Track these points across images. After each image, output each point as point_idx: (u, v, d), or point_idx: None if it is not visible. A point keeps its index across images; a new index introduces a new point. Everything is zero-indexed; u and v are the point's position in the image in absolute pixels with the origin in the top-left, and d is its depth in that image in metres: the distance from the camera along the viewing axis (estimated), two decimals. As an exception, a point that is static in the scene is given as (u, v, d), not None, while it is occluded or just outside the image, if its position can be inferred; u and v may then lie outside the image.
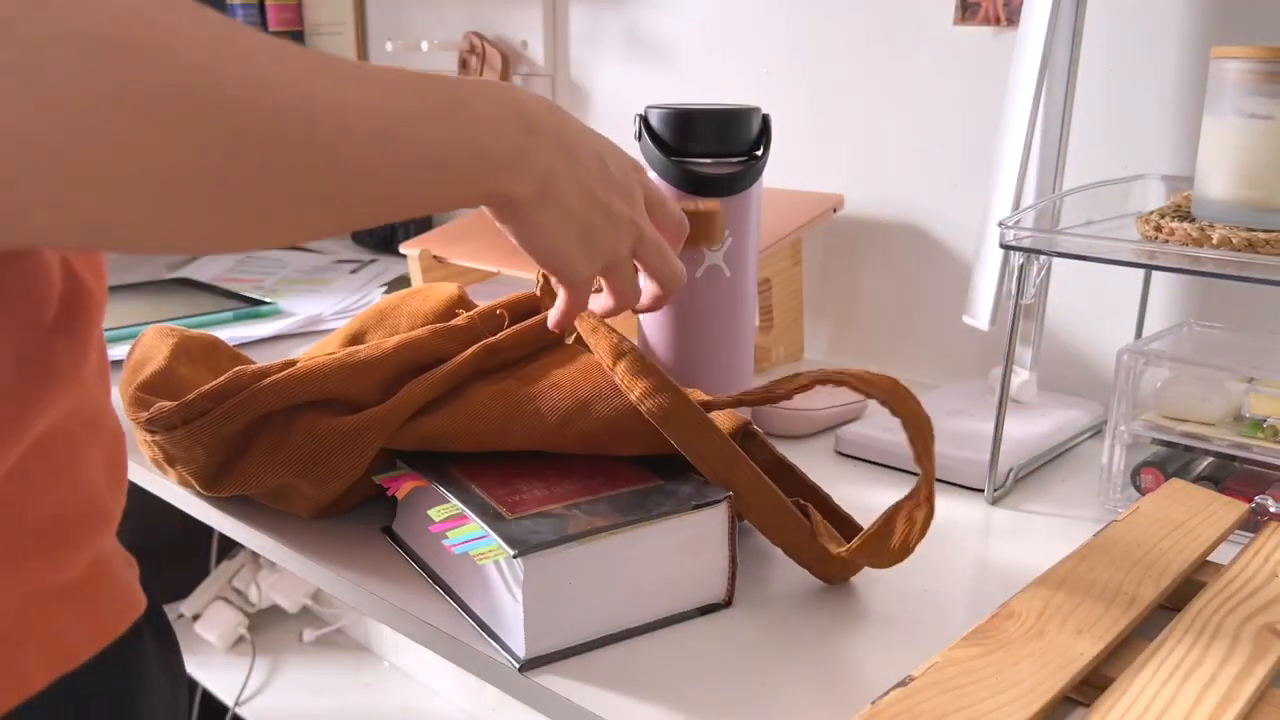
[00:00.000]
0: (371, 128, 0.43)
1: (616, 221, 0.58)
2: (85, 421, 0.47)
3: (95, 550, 0.48)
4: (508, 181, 0.52)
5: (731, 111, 0.79)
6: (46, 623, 0.45)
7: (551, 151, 0.54)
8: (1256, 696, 0.46)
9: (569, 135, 0.55)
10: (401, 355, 0.66)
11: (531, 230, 0.55)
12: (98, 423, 0.49)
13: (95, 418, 0.48)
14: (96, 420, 0.49)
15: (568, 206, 0.55)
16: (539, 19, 1.32)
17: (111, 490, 0.50)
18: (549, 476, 0.62)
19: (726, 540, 0.59)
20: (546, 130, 0.54)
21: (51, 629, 0.45)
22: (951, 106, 0.98)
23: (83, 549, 0.47)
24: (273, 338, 1.10)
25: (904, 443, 0.59)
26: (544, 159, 0.53)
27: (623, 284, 0.62)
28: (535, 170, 0.53)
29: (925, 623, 0.59)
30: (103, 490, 0.48)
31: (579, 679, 0.53)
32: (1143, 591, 0.55)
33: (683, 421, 0.59)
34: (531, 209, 0.54)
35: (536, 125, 0.53)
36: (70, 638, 0.46)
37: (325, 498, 0.66)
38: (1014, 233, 0.71)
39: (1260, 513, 0.68)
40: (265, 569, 1.82)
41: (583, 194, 0.56)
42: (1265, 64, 0.65)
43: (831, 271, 1.10)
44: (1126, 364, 0.72)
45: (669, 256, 0.62)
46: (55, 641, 0.45)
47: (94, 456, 0.48)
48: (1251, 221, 0.66)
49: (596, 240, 0.57)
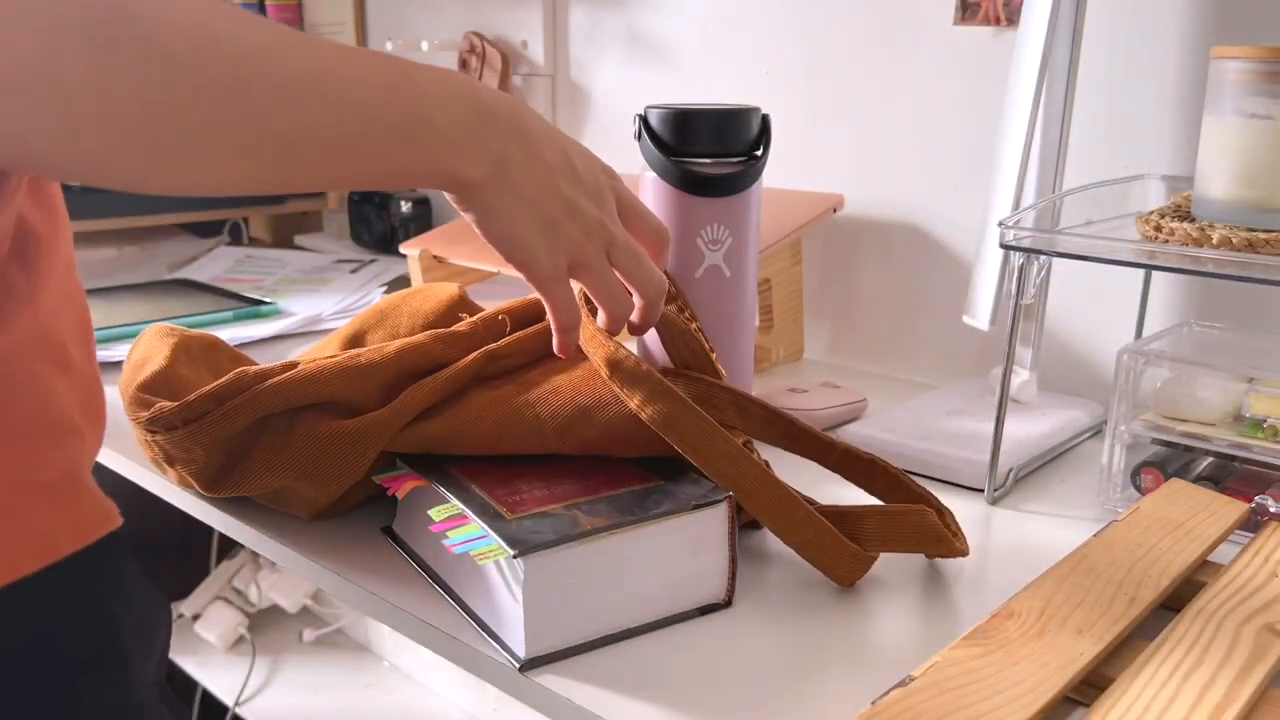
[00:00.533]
0: (303, 74, 0.45)
1: (582, 219, 0.58)
2: (50, 358, 0.51)
3: (70, 463, 0.51)
4: (457, 162, 0.53)
5: (731, 111, 0.79)
6: (29, 513, 0.49)
7: (506, 137, 0.55)
8: (1256, 696, 0.46)
9: (527, 125, 0.56)
10: (403, 360, 0.66)
11: (490, 216, 0.56)
12: (63, 360, 0.52)
13: (60, 355, 0.52)
14: (62, 358, 0.52)
15: (526, 195, 0.56)
16: (539, 19, 1.32)
17: (86, 422, 0.53)
18: (549, 476, 0.62)
19: (726, 540, 0.59)
20: (500, 117, 0.54)
21: (35, 521, 0.49)
22: (951, 106, 0.98)
23: (56, 455, 0.50)
24: (273, 338, 1.10)
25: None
26: (497, 144, 0.54)
27: (602, 287, 0.60)
28: (488, 154, 0.54)
29: (925, 623, 0.59)
30: (75, 418, 0.52)
31: (579, 679, 0.53)
32: (1143, 591, 0.55)
33: (685, 426, 0.59)
34: (487, 193, 0.55)
35: (489, 111, 0.54)
36: (53, 531, 0.50)
37: (325, 500, 0.67)
38: (1014, 233, 0.71)
39: (1260, 513, 0.68)
40: (265, 569, 1.82)
41: (542, 185, 0.56)
42: (1265, 64, 0.65)
43: (831, 271, 1.10)
44: (1126, 364, 0.72)
45: (645, 262, 0.61)
46: (39, 534, 0.49)
47: (61, 386, 0.51)
48: (1251, 221, 0.66)
49: (560, 234, 0.57)
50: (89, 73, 0.38)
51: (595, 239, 0.59)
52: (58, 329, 0.52)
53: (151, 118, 0.40)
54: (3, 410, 0.48)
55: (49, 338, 0.51)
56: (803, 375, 1.05)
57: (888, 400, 0.93)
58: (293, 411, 0.64)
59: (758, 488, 0.59)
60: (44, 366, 0.50)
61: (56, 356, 0.51)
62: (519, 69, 1.36)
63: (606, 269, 0.60)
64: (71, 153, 0.40)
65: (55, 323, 0.52)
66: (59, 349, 0.52)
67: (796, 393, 0.90)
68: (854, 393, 0.91)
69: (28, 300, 0.49)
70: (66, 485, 0.51)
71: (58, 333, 0.52)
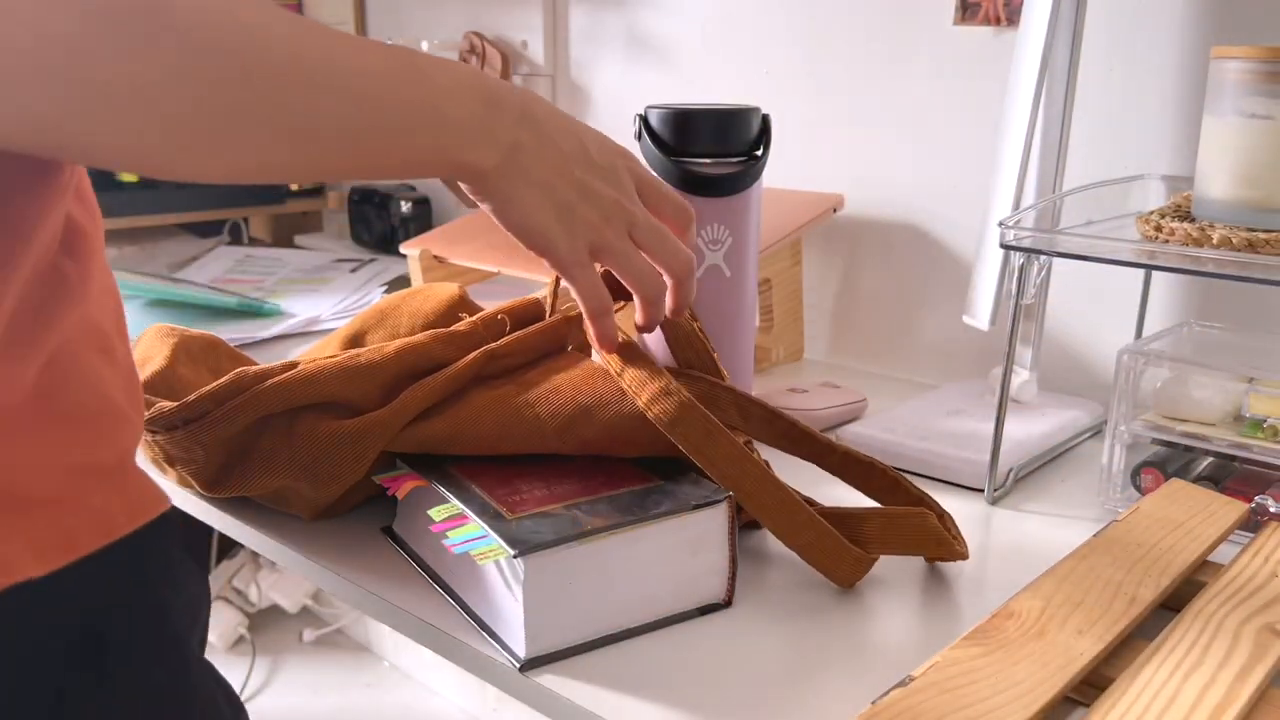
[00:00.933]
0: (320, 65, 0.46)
1: (598, 201, 0.58)
2: (97, 346, 0.52)
3: (121, 447, 0.52)
4: (468, 151, 0.54)
5: (731, 111, 0.79)
6: (88, 495, 0.50)
7: (515, 125, 0.55)
8: (1256, 696, 0.46)
9: (537, 113, 0.57)
10: (403, 360, 0.66)
11: (506, 204, 0.57)
12: (108, 349, 0.53)
13: (106, 344, 0.53)
14: (107, 346, 0.53)
15: (539, 180, 0.56)
16: (539, 19, 1.32)
17: (131, 408, 0.54)
18: (549, 476, 0.62)
19: (726, 540, 0.59)
20: (510, 105, 0.55)
21: (93, 502, 0.50)
22: (951, 106, 0.98)
23: (110, 441, 0.51)
24: (272, 338, 1.10)
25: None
26: (507, 131, 0.55)
27: (627, 268, 0.61)
28: (499, 141, 0.55)
29: (925, 623, 0.59)
30: (123, 405, 0.53)
31: (579, 679, 0.53)
32: (1143, 591, 0.55)
33: (690, 426, 0.58)
34: (501, 181, 0.56)
35: (498, 100, 0.55)
36: (110, 510, 0.51)
37: (325, 500, 0.67)
38: (1014, 233, 0.71)
39: (1260, 513, 0.68)
40: (265, 569, 1.82)
41: (555, 170, 0.57)
42: (1265, 64, 0.65)
43: (831, 271, 1.10)
44: (1126, 364, 0.72)
45: (669, 239, 0.62)
46: (98, 512, 0.50)
47: (108, 374, 0.52)
48: (1251, 221, 0.66)
49: (577, 218, 0.58)
50: (121, 60, 0.40)
51: (614, 221, 0.59)
52: (102, 319, 0.53)
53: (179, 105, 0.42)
54: (62, 398, 0.49)
55: (97, 328, 0.53)
56: (803, 375, 1.05)
57: (888, 400, 0.93)
58: (293, 411, 0.64)
59: (760, 489, 0.59)
60: (93, 355, 0.52)
61: (103, 345, 0.53)
62: (519, 69, 1.36)
63: (630, 249, 0.60)
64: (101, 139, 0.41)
65: (99, 313, 0.53)
66: (104, 338, 0.53)
67: (796, 393, 0.90)
68: (854, 393, 0.91)
69: (79, 292, 0.51)
70: (119, 468, 0.52)
71: (102, 323, 0.53)
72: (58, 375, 0.49)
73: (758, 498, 0.59)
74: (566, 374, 0.66)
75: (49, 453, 0.48)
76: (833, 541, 0.60)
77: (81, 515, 0.49)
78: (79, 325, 0.51)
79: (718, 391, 0.68)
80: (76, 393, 0.50)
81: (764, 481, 0.59)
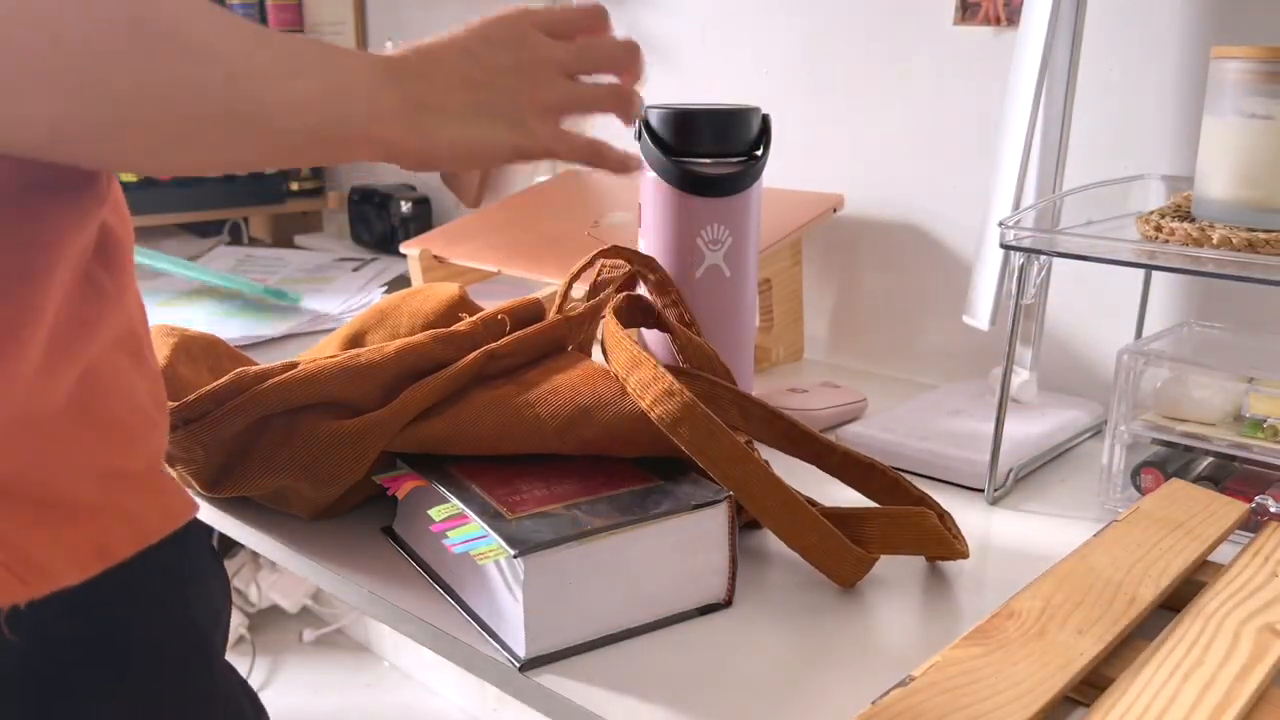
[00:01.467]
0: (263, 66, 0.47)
1: (515, 75, 0.57)
2: (129, 351, 0.53)
3: (152, 452, 0.53)
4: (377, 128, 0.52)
5: (731, 111, 0.79)
6: (123, 500, 0.50)
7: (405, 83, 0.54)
8: (1256, 696, 0.46)
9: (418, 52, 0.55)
10: (403, 360, 0.66)
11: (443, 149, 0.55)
12: (139, 354, 0.54)
13: (137, 349, 0.54)
14: (137, 353, 0.54)
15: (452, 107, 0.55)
16: (539, 19, 1.31)
17: (158, 411, 0.55)
18: (549, 476, 0.62)
19: (726, 540, 0.59)
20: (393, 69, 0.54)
21: (128, 507, 0.51)
22: (951, 106, 0.98)
23: (140, 445, 0.52)
24: (279, 337, 1.10)
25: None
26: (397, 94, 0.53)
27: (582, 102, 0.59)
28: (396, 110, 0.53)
29: (925, 623, 0.59)
30: (150, 411, 0.54)
31: (579, 679, 0.53)
32: (1143, 591, 0.55)
33: (693, 426, 0.58)
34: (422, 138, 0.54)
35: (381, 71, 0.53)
36: (144, 515, 0.51)
37: (325, 500, 0.67)
38: (1014, 233, 0.71)
39: (1260, 513, 0.68)
40: (265, 569, 1.82)
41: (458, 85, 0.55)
42: (1265, 64, 0.65)
43: (831, 271, 1.10)
44: (1126, 364, 0.72)
45: (596, 45, 0.60)
46: (132, 517, 0.51)
47: (139, 380, 0.53)
48: (1251, 221, 0.66)
49: (504, 106, 0.56)
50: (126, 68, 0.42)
51: (540, 79, 0.58)
52: (134, 326, 0.54)
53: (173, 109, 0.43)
54: (100, 405, 0.50)
55: (132, 333, 0.53)
56: (803, 375, 1.05)
57: (888, 400, 0.93)
58: (293, 411, 0.64)
59: (763, 490, 0.59)
60: (127, 362, 0.52)
61: (134, 351, 0.53)
62: (519, 69, 1.36)
63: (570, 88, 0.59)
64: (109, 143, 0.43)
65: (132, 320, 0.54)
66: (136, 342, 0.54)
67: (796, 393, 0.90)
68: (854, 393, 0.91)
69: (116, 301, 0.51)
70: (151, 473, 0.53)
71: (136, 328, 0.54)
72: (94, 383, 0.50)
73: (761, 498, 0.59)
74: (566, 374, 0.66)
75: (84, 459, 0.49)
76: (835, 542, 0.60)
77: (116, 521, 0.50)
78: (116, 333, 0.52)
79: (718, 391, 0.68)
80: (110, 399, 0.51)
81: (767, 482, 0.59)
